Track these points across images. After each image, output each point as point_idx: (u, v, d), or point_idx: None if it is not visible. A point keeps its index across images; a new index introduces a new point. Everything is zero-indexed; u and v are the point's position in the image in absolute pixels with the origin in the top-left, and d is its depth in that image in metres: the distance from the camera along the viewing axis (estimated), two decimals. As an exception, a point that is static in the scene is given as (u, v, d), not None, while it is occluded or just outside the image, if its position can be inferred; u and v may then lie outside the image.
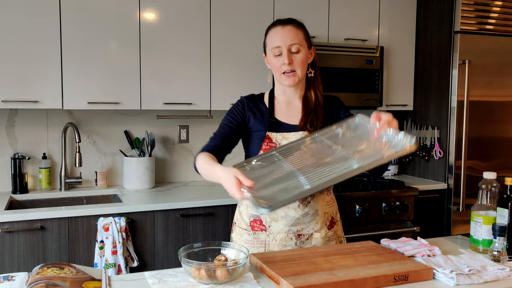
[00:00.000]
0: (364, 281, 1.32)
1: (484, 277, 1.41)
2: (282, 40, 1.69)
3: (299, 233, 1.73)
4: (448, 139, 3.20)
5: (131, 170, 2.89)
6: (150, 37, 2.74)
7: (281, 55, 1.69)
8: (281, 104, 1.80)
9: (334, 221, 1.81)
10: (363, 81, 3.20)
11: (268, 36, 1.75)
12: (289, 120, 1.77)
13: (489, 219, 1.66)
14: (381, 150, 1.41)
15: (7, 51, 2.47)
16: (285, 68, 1.69)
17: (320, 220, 1.74)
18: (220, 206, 2.62)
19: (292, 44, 1.68)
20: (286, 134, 1.72)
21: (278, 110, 1.79)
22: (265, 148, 1.70)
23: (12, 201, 2.66)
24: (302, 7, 3.06)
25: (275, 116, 1.77)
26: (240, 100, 1.83)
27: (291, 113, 1.78)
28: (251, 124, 1.77)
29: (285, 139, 1.71)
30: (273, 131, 1.73)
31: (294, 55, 1.69)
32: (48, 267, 1.36)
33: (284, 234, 1.72)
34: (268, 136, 1.72)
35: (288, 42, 1.68)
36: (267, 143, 1.71)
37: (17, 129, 2.82)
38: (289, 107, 1.79)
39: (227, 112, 1.81)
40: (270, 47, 1.73)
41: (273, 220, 1.72)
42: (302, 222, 1.72)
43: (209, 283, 1.33)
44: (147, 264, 2.50)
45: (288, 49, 1.68)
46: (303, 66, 1.71)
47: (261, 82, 2.99)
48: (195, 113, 3.17)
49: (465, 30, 3.12)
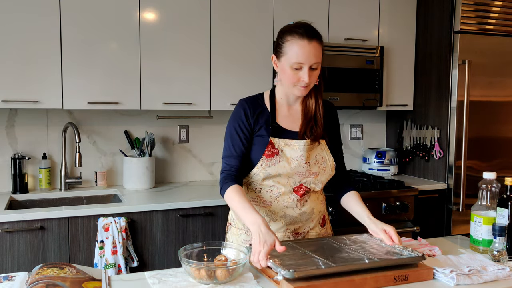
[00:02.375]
0: (364, 281, 1.32)
1: (484, 277, 1.41)
2: (307, 58, 1.61)
3: (296, 232, 1.76)
4: (448, 139, 3.20)
5: (131, 170, 2.89)
6: (150, 37, 2.74)
7: (301, 69, 1.62)
8: (282, 107, 1.77)
9: (325, 219, 1.87)
10: (363, 81, 3.19)
11: (289, 45, 1.63)
12: (290, 126, 1.75)
13: (489, 219, 1.66)
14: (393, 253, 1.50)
15: (7, 51, 2.47)
16: (303, 83, 1.63)
17: (315, 218, 1.79)
18: (220, 206, 2.61)
19: (315, 63, 1.63)
20: (289, 141, 1.71)
21: (280, 114, 1.76)
22: (268, 154, 1.68)
23: (12, 201, 2.66)
24: (302, 7, 3.06)
25: (277, 120, 1.74)
26: (241, 105, 1.75)
27: (292, 118, 1.76)
28: (255, 130, 1.74)
29: (288, 146, 1.70)
30: (276, 136, 1.71)
31: (312, 72, 1.64)
32: (48, 267, 1.36)
33: (282, 233, 1.74)
34: (271, 142, 1.70)
35: (312, 61, 1.61)
36: (270, 148, 1.69)
37: (17, 129, 2.82)
38: (290, 111, 1.77)
39: (233, 121, 1.75)
40: (291, 61, 1.62)
41: (272, 220, 1.74)
42: (299, 220, 1.75)
43: (209, 283, 1.33)
44: (147, 264, 2.50)
45: (309, 67, 1.62)
46: (316, 80, 1.68)
47: (261, 81, 2.99)
48: (195, 113, 3.17)
49: (465, 30, 3.12)
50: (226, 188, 1.66)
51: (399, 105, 3.42)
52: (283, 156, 1.69)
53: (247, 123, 1.72)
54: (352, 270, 1.35)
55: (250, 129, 1.72)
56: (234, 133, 1.73)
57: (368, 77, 3.21)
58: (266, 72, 3.00)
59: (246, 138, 1.72)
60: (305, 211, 1.75)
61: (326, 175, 1.77)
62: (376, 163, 3.49)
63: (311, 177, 1.73)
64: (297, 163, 1.69)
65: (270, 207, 1.73)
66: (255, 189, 1.75)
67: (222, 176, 1.71)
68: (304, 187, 1.73)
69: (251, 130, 1.73)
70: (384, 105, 3.33)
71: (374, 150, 3.56)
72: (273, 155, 1.69)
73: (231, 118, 1.76)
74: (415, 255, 1.44)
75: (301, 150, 1.70)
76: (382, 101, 3.27)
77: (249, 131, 1.72)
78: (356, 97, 3.19)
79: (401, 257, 1.42)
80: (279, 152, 1.69)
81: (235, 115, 1.75)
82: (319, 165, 1.74)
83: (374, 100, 3.24)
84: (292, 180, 1.71)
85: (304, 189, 1.73)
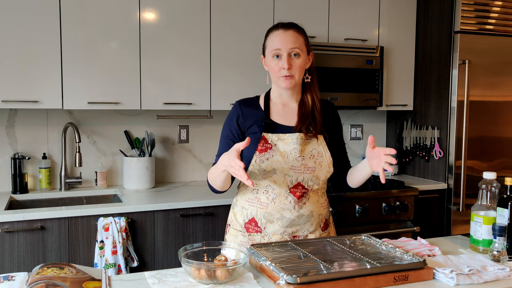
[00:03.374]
0: (364, 281, 1.32)
1: (484, 277, 1.41)
2: (284, 43, 1.68)
3: (294, 235, 1.74)
4: (448, 139, 3.20)
5: (131, 170, 2.89)
6: (150, 37, 2.74)
7: (280, 58, 1.69)
8: (277, 106, 1.79)
9: (328, 223, 1.84)
10: (363, 81, 3.19)
11: (268, 38, 1.74)
12: (285, 122, 1.76)
13: (489, 219, 1.66)
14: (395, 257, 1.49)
15: (7, 51, 2.47)
16: (284, 72, 1.69)
17: (314, 222, 1.76)
18: (220, 206, 2.61)
19: (292, 48, 1.68)
20: (282, 136, 1.72)
21: (274, 111, 1.78)
22: (260, 149, 1.70)
23: (12, 201, 2.66)
24: (302, 7, 3.06)
25: (271, 117, 1.77)
26: (235, 106, 1.82)
27: (287, 115, 1.78)
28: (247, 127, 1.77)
29: (281, 140, 1.71)
30: (268, 131, 1.73)
31: (293, 60, 1.69)
32: (48, 267, 1.36)
33: (279, 236, 1.73)
34: (264, 137, 1.71)
35: (289, 46, 1.68)
36: (263, 143, 1.70)
37: (17, 129, 2.82)
38: (285, 109, 1.79)
39: (226, 123, 1.82)
40: (270, 49, 1.72)
41: (269, 222, 1.73)
42: (297, 223, 1.73)
43: (209, 283, 1.33)
44: (147, 264, 2.50)
45: (288, 53, 1.68)
46: (301, 71, 1.71)
47: (261, 82, 2.97)
48: (195, 113, 3.17)
49: (465, 30, 3.12)
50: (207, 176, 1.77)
51: (399, 105, 3.42)
52: (276, 151, 1.70)
53: (238, 128, 1.77)
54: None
55: (241, 131, 1.78)
56: (225, 136, 1.81)
57: (368, 77, 3.21)
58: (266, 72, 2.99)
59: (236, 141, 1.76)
60: (303, 214, 1.73)
61: (323, 171, 1.75)
62: (376, 163, 3.49)
63: (307, 172, 1.72)
64: (292, 156, 1.70)
65: (267, 208, 1.73)
66: (252, 190, 1.75)
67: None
68: (301, 187, 1.72)
69: (240, 132, 1.77)
70: (384, 105, 3.33)
71: (374, 150, 3.55)
72: (266, 150, 1.70)
73: (226, 120, 1.82)
74: (416, 260, 1.43)
75: (294, 143, 1.70)
76: (382, 101, 3.27)
77: (240, 133, 1.77)
78: (356, 97, 3.18)
79: (402, 262, 1.42)
80: (272, 147, 1.70)
81: (228, 118, 1.82)
82: (315, 159, 1.73)
83: (374, 100, 3.24)
84: (288, 178, 1.71)
85: (301, 190, 1.72)
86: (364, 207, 2.83)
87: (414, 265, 1.41)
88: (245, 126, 1.77)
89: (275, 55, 1.70)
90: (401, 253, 1.50)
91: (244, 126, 1.77)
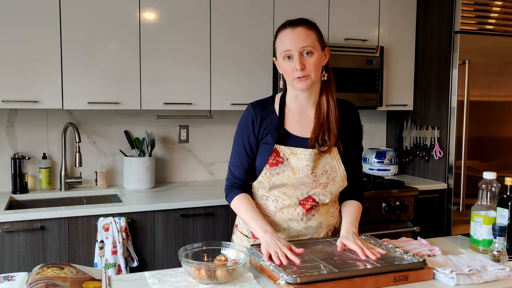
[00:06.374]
0: (364, 281, 1.32)
1: (484, 277, 1.41)
2: (293, 43, 1.56)
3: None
4: (448, 139, 3.20)
5: (131, 170, 2.89)
6: (150, 37, 2.74)
7: (292, 59, 1.57)
8: (293, 112, 1.68)
9: (337, 231, 1.78)
10: (363, 81, 3.19)
11: (278, 39, 1.62)
12: (300, 132, 1.65)
13: (489, 219, 1.66)
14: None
15: (7, 51, 2.47)
16: (298, 73, 1.56)
17: (323, 232, 1.71)
18: (220, 206, 2.61)
19: (303, 47, 1.56)
20: (295, 150, 1.61)
21: (289, 118, 1.67)
22: (271, 163, 1.62)
23: (12, 201, 2.66)
24: (302, 7, 3.06)
25: (285, 126, 1.65)
26: (249, 112, 1.69)
27: (303, 123, 1.66)
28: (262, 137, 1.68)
29: (294, 154, 1.62)
30: (281, 144, 1.63)
31: (306, 59, 1.56)
32: (48, 267, 1.36)
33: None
34: (276, 150, 1.62)
35: (299, 45, 1.55)
36: (274, 157, 1.62)
37: (17, 129, 2.82)
38: (301, 116, 1.67)
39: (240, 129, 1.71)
40: (280, 51, 1.60)
41: (276, 231, 1.66)
42: (304, 234, 1.68)
43: (209, 283, 1.33)
44: (147, 264, 2.50)
45: (299, 53, 1.56)
46: (316, 70, 1.58)
47: (261, 82, 2.99)
48: (195, 113, 3.17)
49: (465, 30, 3.12)
50: (232, 196, 1.67)
51: (399, 105, 3.42)
52: (288, 166, 1.61)
53: (253, 134, 1.67)
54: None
55: (256, 140, 1.68)
56: (240, 143, 1.69)
57: (368, 77, 3.21)
58: (266, 72, 3.00)
59: (252, 150, 1.68)
60: (311, 225, 1.66)
61: (336, 186, 1.66)
62: (376, 163, 3.49)
63: (319, 188, 1.64)
64: (303, 173, 1.61)
65: (274, 217, 1.67)
66: (262, 196, 1.69)
67: (226, 184, 1.72)
68: (311, 200, 1.64)
69: (257, 141, 1.68)
70: (384, 105, 3.33)
71: (374, 150, 3.56)
72: (277, 164, 1.61)
73: (239, 125, 1.72)
74: (416, 260, 1.43)
75: (307, 160, 1.61)
76: (382, 101, 3.27)
77: (256, 142, 1.68)
78: (356, 97, 3.18)
79: (402, 262, 1.42)
80: (283, 161, 1.61)
81: (242, 123, 1.71)
82: (328, 175, 1.64)
83: (374, 100, 3.24)
84: (299, 191, 1.63)
85: (311, 202, 1.64)
86: (364, 207, 2.83)
87: (414, 265, 1.41)
88: (259, 134, 1.67)
89: (286, 56, 1.59)
90: (401, 253, 1.50)
91: (259, 134, 1.67)
